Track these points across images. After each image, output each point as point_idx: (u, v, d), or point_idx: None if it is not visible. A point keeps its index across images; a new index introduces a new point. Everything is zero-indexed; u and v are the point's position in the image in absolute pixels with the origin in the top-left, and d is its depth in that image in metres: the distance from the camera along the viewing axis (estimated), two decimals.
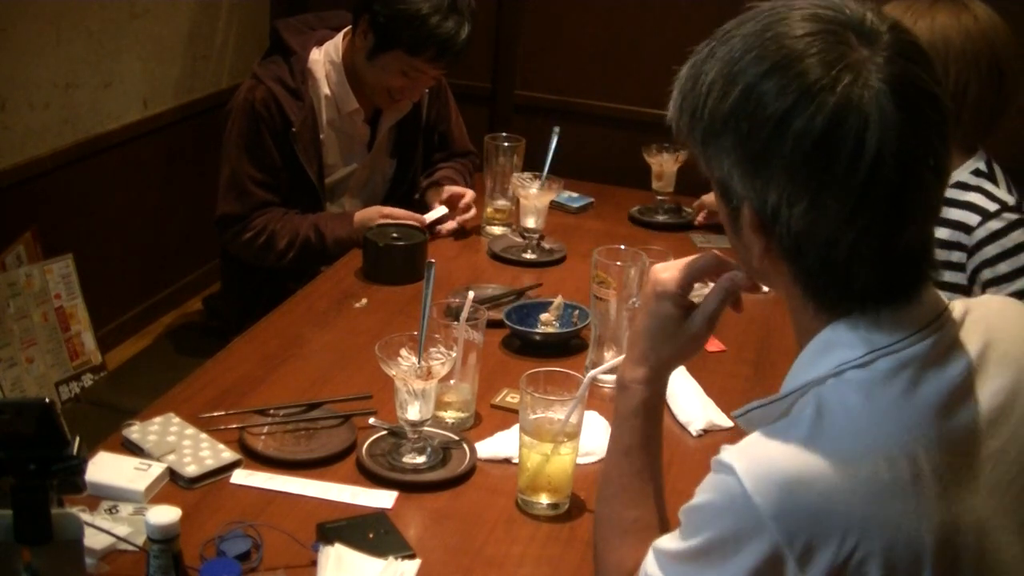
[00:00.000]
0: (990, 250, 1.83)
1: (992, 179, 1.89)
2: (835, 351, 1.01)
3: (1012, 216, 1.84)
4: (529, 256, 2.41)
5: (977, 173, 1.89)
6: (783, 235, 0.98)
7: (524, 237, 2.44)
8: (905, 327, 1.00)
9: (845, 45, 0.95)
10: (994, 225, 1.83)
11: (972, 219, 1.84)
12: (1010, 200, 1.86)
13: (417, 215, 2.45)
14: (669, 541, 1.07)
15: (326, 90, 2.49)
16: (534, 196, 2.39)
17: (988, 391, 1.01)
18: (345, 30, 2.52)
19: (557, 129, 2.49)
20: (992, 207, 1.84)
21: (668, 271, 1.20)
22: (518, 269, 2.37)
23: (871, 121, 0.92)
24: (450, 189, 2.54)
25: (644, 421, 1.21)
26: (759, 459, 0.97)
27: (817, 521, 0.94)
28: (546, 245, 2.44)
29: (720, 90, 0.98)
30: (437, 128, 2.74)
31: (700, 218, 2.62)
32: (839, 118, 0.92)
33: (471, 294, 1.72)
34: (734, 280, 1.17)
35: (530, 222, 2.42)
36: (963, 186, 1.88)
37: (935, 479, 0.96)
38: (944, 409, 0.99)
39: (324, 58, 2.49)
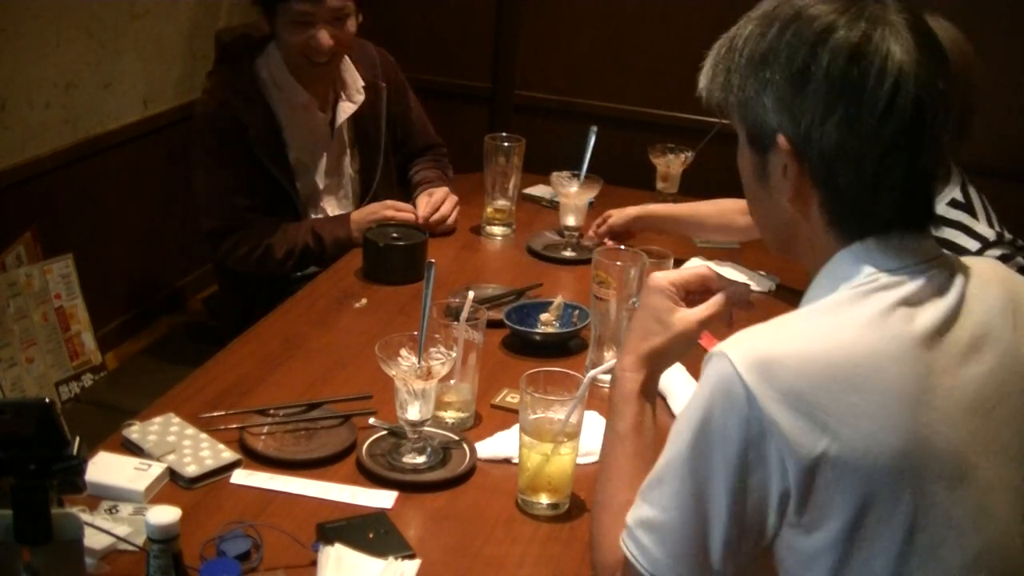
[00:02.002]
0: None
1: (970, 210, 1.82)
2: (842, 274, 1.09)
3: (995, 252, 1.79)
4: (568, 254, 2.43)
5: (954, 204, 1.83)
6: (815, 157, 1.07)
7: (563, 235, 2.48)
8: (909, 257, 1.08)
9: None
10: None
11: None
12: (990, 235, 1.80)
13: (413, 209, 2.49)
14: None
15: (274, 87, 2.50)
16: (574, 195, 2.43)
17: (971, 321, 1.09)
18: None
19: (594, 128, 2.51)
20: (973, 246, 1.79)
21: (663, 273, 1.30)
22: (519, 269, 2.38)
23: (893, 45, 1.04)
24: (432, 202, 2.54)
25: (636, 408, 1.25)
26: (749, 342, 1.05)
27: (800, 402, 1.00)
28: (585, 243, 2.46)
29: (758, 34, 1.10)
30: (398, 122, 2.75)
31: (594, 231, 2.45)
32: (868, 37, 1.05)
33: (471, 294, 1.72)
34: (735, 293, 1.27)
35: (570, 220, 2.46)
36: (941, 220, 1.80)
37: (914, 387, 1.02)
38: (932, 329, 1.05)
39: (267, 58, 2.51)
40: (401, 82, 2.75)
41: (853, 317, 1.05)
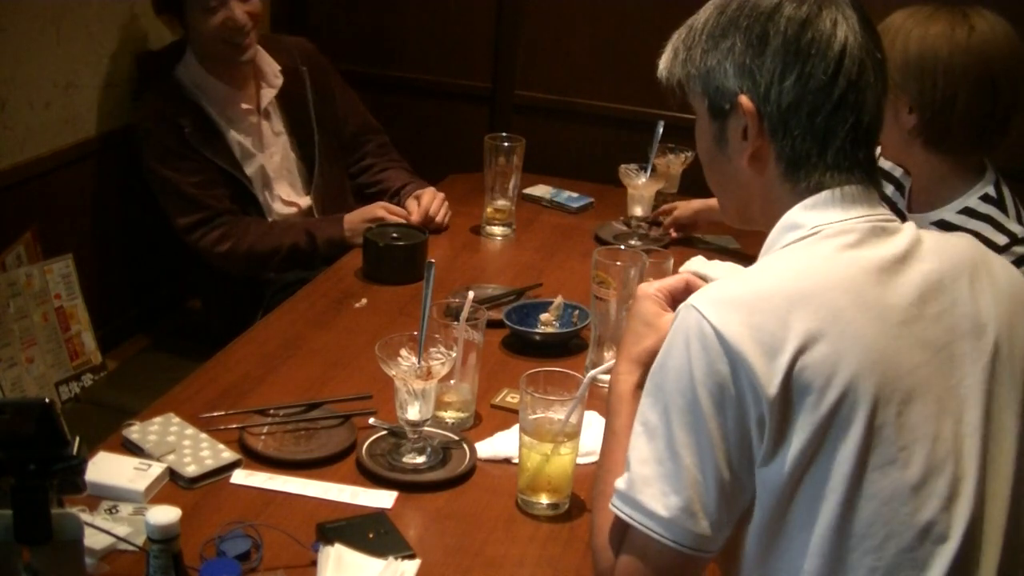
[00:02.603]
0: None
1: (1001, 206, 1.83)
2: (791, 225, 1.18)
3: (1022, 250, 1.80)
4: (635, 243, 2.48)
5: (986, 199, 1.83)
6: (773, 113, 1.18)
7: (630, 226, 2.56)
8: (856, 210, 1.17)
9: None
10: None
11: None
12: (1020, 232, 1.80)
13: (405, 212, 2.53)
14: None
15: (197, 89, 2.56)
16: (642, 186, 2.51)
17: (923, 270, 1.16)
18: None
19: (661, 122, 2.56)
20: (1001, 240, 1.79)
21: (648, 283, 1.36)
22: (519, 269, 2.38)
23: (839, 18, 1.18)
24: (423, 204, 2.57)
25: (630, 406, 1.27)
26: (709, 291, 1.14)
27: (760, 332, 1.07)
28: (652, 233, 2.54)
29: (717, 14, 1.22)
30: (327, 102, 2.78)
31: (673, 233, 2.59)
32: (817, 10, 1.18)
33: (471, 294, 1.72)
34: None
35: (637, 210, 2.55)
36: (971, 213, 1.83)
37: (867, 313, 1.10)
38: (881, 268, 1.14)
39: (185, 64, 2.59)
40: (325, 66, 2.81)
41: (806, 255, 1.15)
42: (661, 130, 2.55)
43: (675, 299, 1.33)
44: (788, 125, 1.18)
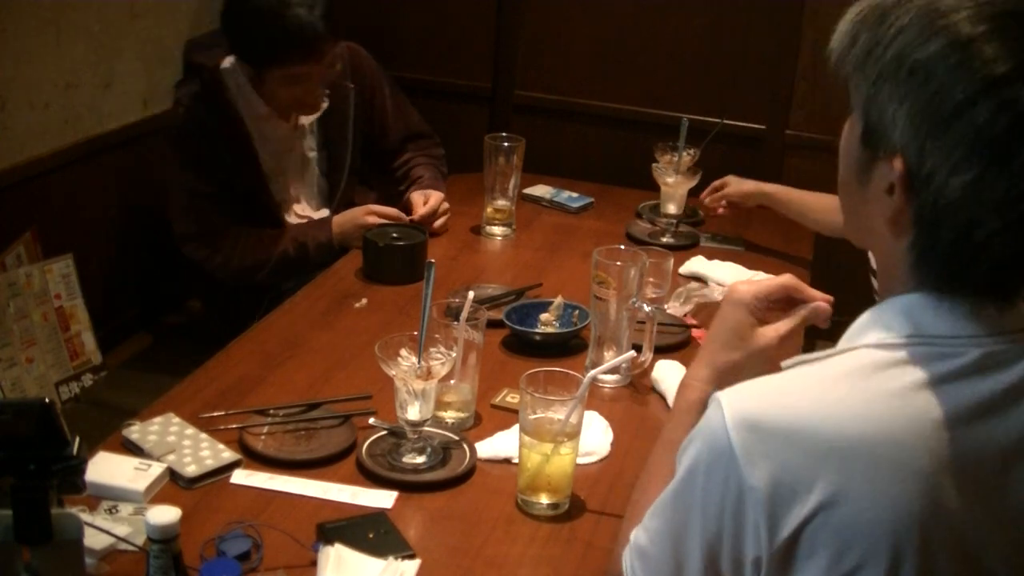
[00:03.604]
0: None
1: None
2: (888, 322, 1.00)
3: None
4: (667, 240, 2.54)
5: None
6: (927, 202, 0.94)
7: (654, 223, 2.61)
8: (976, 326, 0.98)
9: None
10: None
11: None
12: None
13: (401, 213, 2.48)
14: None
15: (237, 95, 2.48)
16: (673, 184, 2.54)
17: (1018, 419, 0.97)
18: None
19: (685, 120, 2.58)
20: None
21: (746, 284, 1.25)
22: (519, 269, 2.38)
23: None
24: (428, 206, 2.53)
25: (694, 418, 1.18)
26: (748, 398, 0.99)
27: (784, 472, 0.94)
28: (682, 230, 2.58)
29: (917, 35, 0.94)
30: (373, 119, 2.71)
31: (721, 209, 2.61)
32: None
33: (471, 294, 1.72)
34: (816, 312, 1.23)
35: (671, 208, 2.58)
36: None
37: (919, 478, 0.93)
38: (966, 412, 0.95)
39: (234, 70, 2.48)
40: (372, 78, 2.69)
41: (869, 388, 0.96)
42: (685, 128, 2.55)
43: (771, 306, 1.23)
44: (939, 222, 0.94)
